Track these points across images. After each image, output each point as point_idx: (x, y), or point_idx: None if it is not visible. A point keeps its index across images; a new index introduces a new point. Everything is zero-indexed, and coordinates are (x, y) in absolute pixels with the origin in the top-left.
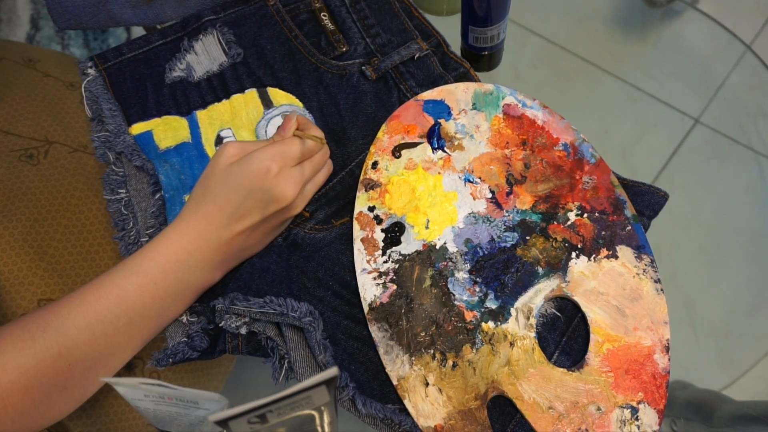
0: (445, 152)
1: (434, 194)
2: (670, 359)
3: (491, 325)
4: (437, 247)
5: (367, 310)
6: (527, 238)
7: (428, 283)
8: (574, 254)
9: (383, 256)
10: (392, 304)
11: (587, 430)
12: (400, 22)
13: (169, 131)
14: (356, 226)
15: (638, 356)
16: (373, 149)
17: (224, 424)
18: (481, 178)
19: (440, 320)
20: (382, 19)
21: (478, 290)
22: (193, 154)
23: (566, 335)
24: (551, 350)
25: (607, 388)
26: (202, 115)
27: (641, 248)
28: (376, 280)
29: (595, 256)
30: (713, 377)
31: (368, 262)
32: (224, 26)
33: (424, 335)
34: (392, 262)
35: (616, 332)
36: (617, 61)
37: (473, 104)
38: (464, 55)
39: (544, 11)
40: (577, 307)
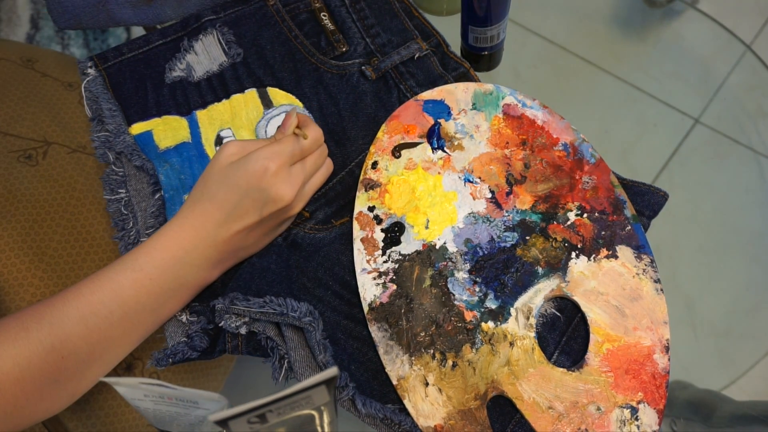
0: (444, 152)
1: (434, 194)
2: (669, 359)
3: (491, 325)
4: (437, 247)
5: (366, 310)
6: (527, 238)
7: (428, 283)
8: (573, 254)
9: (383, 256)
10: (392, 304)
11: (587, 430)
12: (400, 22)
13: (169, 131)
14: (356, 226)
15: (638, 356)
16: (372, 149)
17: (224, 424)
18: (480, 178)
19: (440, 320)
20: (382, 19)
21: (477, 290)
22: (193, 154)
23: (566, 335)
24: (551, 350)
25: (606, 388)
26: (202, 115)
27: (641, 248)
28: (375, 280)
29: (594, 256)
30: (713, 377)
31: (368, 262)
32: (224, 26)
33: (423, 335)
34: (392, 262)
35: (615, 332)
36: (617, 61)
37: (473, 104)
38: (464, 55)
39: (544, 11)
40: (576, 307)
